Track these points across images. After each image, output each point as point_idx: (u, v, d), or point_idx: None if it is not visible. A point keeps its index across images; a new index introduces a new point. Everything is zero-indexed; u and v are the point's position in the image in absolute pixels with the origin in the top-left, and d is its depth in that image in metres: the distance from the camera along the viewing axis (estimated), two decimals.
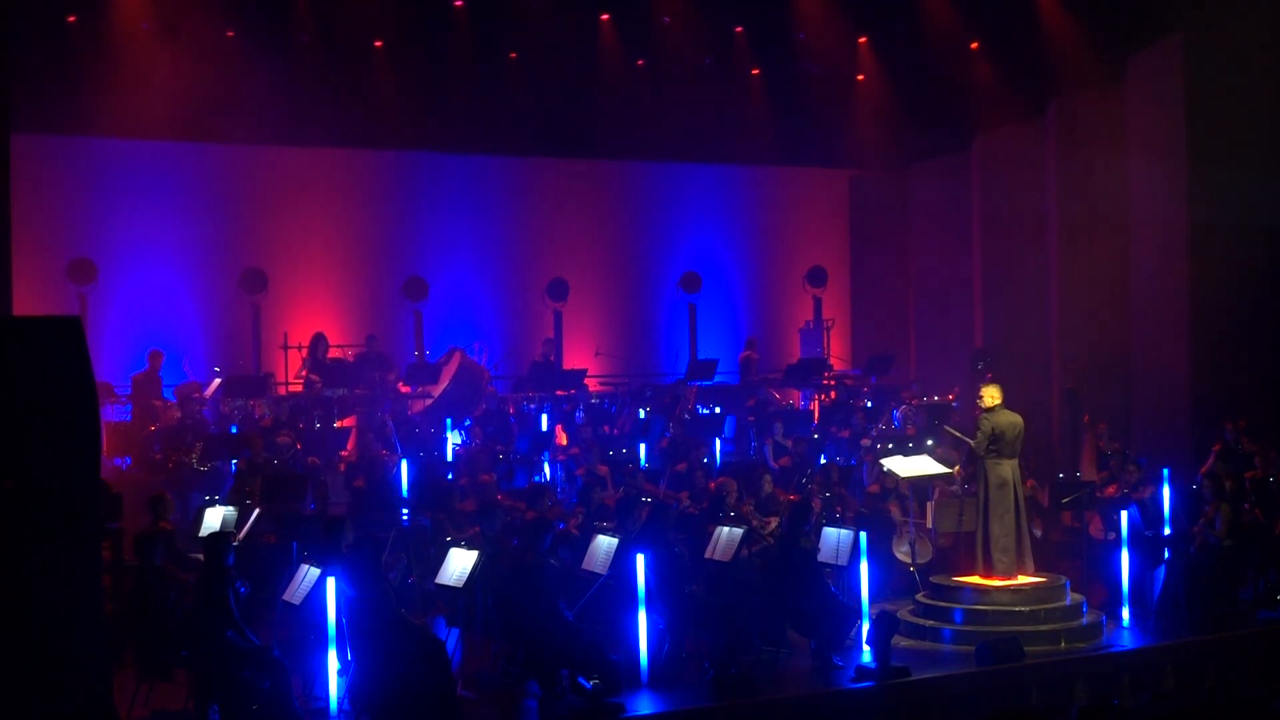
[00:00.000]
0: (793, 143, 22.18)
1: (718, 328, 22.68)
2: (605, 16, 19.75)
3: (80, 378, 8.11)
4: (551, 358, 19.63)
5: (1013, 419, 12.62)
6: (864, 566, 11.97)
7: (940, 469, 13.61)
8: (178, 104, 18.01)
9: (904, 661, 11.04)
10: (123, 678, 10.05)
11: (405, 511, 13.78)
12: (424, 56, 19.34)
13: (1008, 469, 12.53)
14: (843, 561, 11.89)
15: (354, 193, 20.91)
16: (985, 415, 12.63)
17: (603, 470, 14.84)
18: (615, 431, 17.29)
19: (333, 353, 18.31)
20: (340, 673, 9.80)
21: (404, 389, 18.30)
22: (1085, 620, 12.26)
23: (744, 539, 11.73)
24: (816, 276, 22.86)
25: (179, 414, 16.24)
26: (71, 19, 17.46)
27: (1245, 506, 13.77)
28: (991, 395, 12.70)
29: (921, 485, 13.84)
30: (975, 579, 12.51)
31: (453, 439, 16.62)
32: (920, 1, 19.36)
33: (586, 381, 19.43)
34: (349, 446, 16.24)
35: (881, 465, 14.26)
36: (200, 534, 11.80)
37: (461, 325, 20.79)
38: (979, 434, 12.58)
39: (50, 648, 7.77)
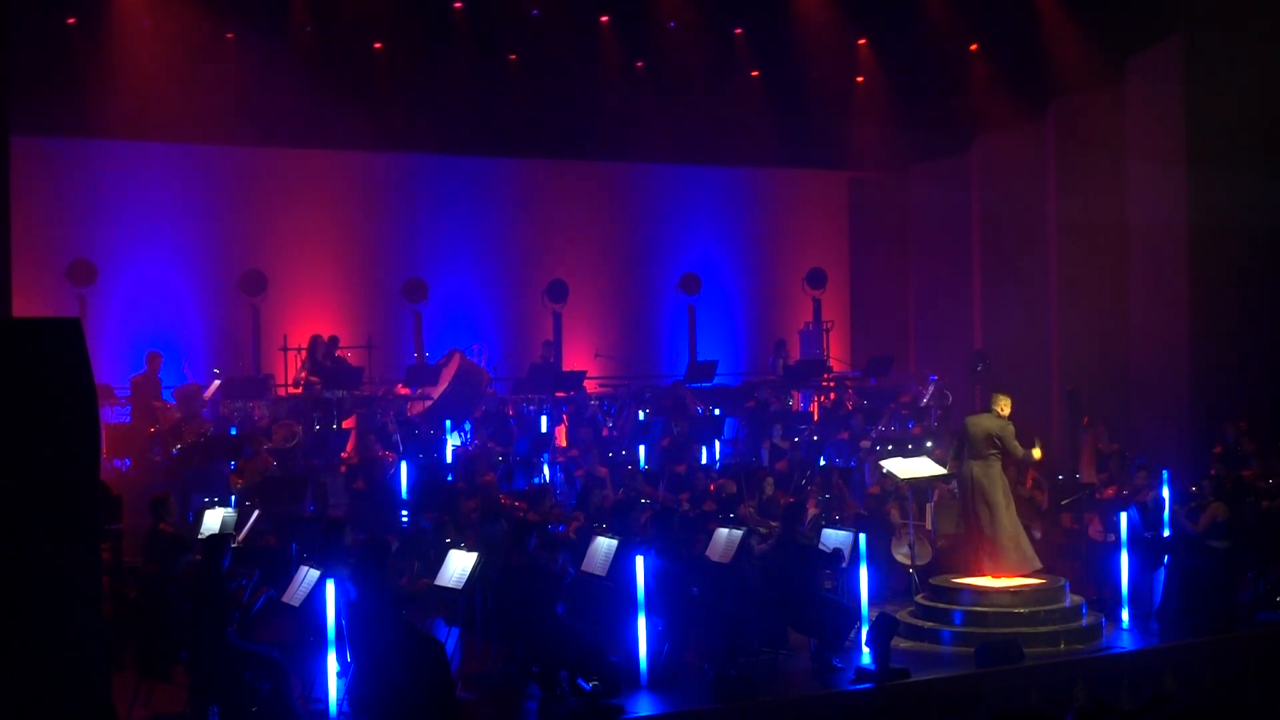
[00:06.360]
0: (792, 145, 22.15)
1: (717, 330, 22.67)
2: (605, 18, 19.75)
3: (80, 379, 8.12)
4: (551, 359, 19.62)
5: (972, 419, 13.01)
6: (864, 568, 11.98)
7: (939, 470, 13.63)
8: (177, 106, 18.01)
9: (903, 663, 11.05)
10: (123, 678, 10.05)
11: (405, 513, 13.77)
12: (424, 58, 19.33)
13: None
14: (842, 563, 11.91)
15: (354, 194, 20.92)
16: (1006, 422, 12.73)
17: (602, 472, 14.82)
18: (615, 433, 17.28)
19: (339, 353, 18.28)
20: (340, 674, 9.80)
21: (403, 390, 18.30)
22: (1085, 622, 12.26)
23: (743, 540, 11.74)
24: (816, 278, 22.84)
25: (178, 415, 16.23)
26: (71, 20, 17.47)
27: (1245, 507, 13.75)
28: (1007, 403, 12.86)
29: (921, 487, 13.84)
30: (973, 580, 12.55)
31: (453, 441, 16.61)
32: (920, 2, 19.35)
33: (586, 383, 19.42)
34: (349, 448, 16.23)
35: (881, 467, 14.27)
36: (200, 535, 11.80)
37: (461, 327, 20.78)
38: (1015, 442, 12.68)
39: (49, 648, 7.78)
